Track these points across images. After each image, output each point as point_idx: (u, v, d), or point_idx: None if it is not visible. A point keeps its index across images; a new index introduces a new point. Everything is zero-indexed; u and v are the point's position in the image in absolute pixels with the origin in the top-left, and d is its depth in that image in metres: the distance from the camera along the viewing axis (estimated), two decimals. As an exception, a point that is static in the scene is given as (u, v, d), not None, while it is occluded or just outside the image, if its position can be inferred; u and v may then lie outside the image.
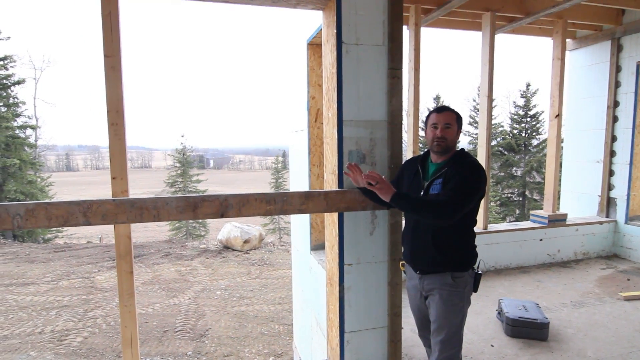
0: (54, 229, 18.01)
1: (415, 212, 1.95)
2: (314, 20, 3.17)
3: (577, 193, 5.77)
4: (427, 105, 25.27)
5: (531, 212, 5.26)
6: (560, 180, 5.54)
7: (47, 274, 9.66)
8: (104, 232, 19.81)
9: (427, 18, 4.45)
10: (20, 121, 18.77)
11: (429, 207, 1.89)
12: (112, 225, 2.26)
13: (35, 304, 7.77)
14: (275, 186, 32.10)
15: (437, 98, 24.61)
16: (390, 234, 2.55)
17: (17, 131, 18.16)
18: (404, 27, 3.47)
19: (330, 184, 2.61)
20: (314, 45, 3.62)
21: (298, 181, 4.14)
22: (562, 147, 5.50)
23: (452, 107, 2.09)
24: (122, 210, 2.10)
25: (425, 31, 7.20)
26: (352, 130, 2.41)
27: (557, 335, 3.20)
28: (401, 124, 2.50)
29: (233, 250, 12.38)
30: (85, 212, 2.05)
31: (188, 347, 6.31)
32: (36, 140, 22.04)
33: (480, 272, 2.10)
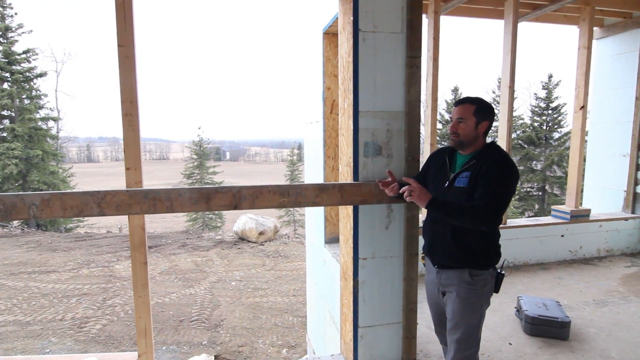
0: (75, 218, 18.47)
1: (453, 218, 1.88)
2: (330, 8, 3.09)
3: (601, 188, 5.56)
4: (445, 97, 24.81)
5: (552, 207, 5.10)
6: (583, 175, 5.35)
7: (68, 263, 9.91)
8: (124, 223, 20.22)
9: (447, 6, 4.32)
10: (42, 113, 19.27)
11: (466, 214, 1.84)
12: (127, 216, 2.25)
13: (57, 291, 7.99)
14: (290, 178, 32.20)
15: (455, 90, 24.13)
16: (407, 228, 2.48)
17: (39, 123, 18.64)
18: (423, 16, 3.36)
19: (345, 176, 2.56)
20: (330, 35, 3.55)
21: (313, 173, 4.10)
22: (586, 140, 5.30)
23: (476, 96, 2.00)
24: (136, 201, 2.10)
25: (444, 19, 7.02)
26: (368, 121, 2.35)
27: (578, 334, 3.09)
28: (419, 115, 2.42)
29: (248, 241, 12.47)
30: (100, 203, 2.06)
31: (203, 336, 6.39)
32: (58, 132, 22.56)
33: (503, 272, 2.01)
